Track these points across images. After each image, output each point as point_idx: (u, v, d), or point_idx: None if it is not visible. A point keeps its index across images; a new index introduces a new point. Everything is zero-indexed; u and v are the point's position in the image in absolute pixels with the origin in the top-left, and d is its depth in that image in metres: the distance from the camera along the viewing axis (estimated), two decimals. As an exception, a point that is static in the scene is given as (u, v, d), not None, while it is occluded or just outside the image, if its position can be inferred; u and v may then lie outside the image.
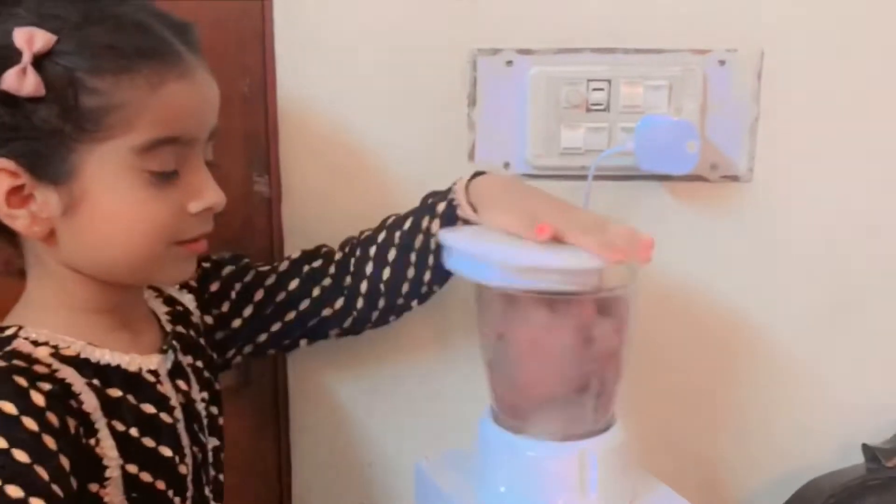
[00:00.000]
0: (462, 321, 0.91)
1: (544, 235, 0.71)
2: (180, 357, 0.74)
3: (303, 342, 0.86)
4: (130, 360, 0.68)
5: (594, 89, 0.88)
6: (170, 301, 0.79)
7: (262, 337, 0.84)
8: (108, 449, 0.64)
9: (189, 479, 0.71)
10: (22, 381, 0.60)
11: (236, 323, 0.83)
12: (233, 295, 0.83)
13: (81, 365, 0.65)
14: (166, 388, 0.71)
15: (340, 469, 0.98)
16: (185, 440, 0.71)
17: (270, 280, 0.84)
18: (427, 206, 0.81)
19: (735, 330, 0.96)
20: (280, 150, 0.91)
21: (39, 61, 0.60)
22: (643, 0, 0.88)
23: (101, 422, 0.64)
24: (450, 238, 0.76)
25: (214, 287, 0.82)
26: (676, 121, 0.87)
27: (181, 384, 0.73)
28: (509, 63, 0.89)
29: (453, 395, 0.96)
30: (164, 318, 0.76)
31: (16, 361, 0.62)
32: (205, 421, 0.76)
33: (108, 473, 0.64)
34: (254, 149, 0.91)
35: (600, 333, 0.75)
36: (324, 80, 0.89)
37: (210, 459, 0.76)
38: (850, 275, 0.95)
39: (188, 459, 0.71)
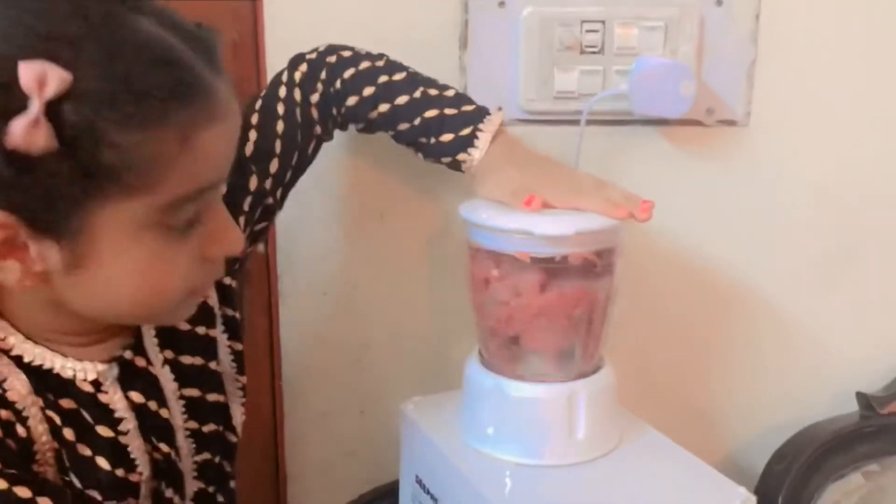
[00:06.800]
0: (452, 266, 0.90)
1: (531, 207, 0.71)
2: (154, 357, 0.66)
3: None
4: (63, 366, 0.61)
5: (588, 31, 0.87)
6: None
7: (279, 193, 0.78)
8: (41, 434, 0.59)
9: (143, 494, 0.65)
10: None
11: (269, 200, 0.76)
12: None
13: (14, 359, 0.59)
14: (111, 397, 0.63)
15: (333, 417, 0.98)
16: (136, 453, 0.64)
17: (268, 184, 0.75)
18: (432, 144, 0.76)
19: (730, 277, 0.95)
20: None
21: (52, 104, 0.48)
22: (639, -61, 0.87)
23: (31, 409, 0.59)
24: (471, 214, 0.74)
25: None
26: (671, 62, 0.86)
27: (133, 395, 0.64)
28: (501, 4, 0.87)
29: (442, 339, 0.96)
30: None
31: None
32: (185, 433, 0.69)
33: (38, 457, 0.60)
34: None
35: (591, 284, 0.74)
36: (313, 24, 0.88)
37: (193, 473, 0.70)
38: (847, 221, 0.94)
39: (145, 471, 0.65)
